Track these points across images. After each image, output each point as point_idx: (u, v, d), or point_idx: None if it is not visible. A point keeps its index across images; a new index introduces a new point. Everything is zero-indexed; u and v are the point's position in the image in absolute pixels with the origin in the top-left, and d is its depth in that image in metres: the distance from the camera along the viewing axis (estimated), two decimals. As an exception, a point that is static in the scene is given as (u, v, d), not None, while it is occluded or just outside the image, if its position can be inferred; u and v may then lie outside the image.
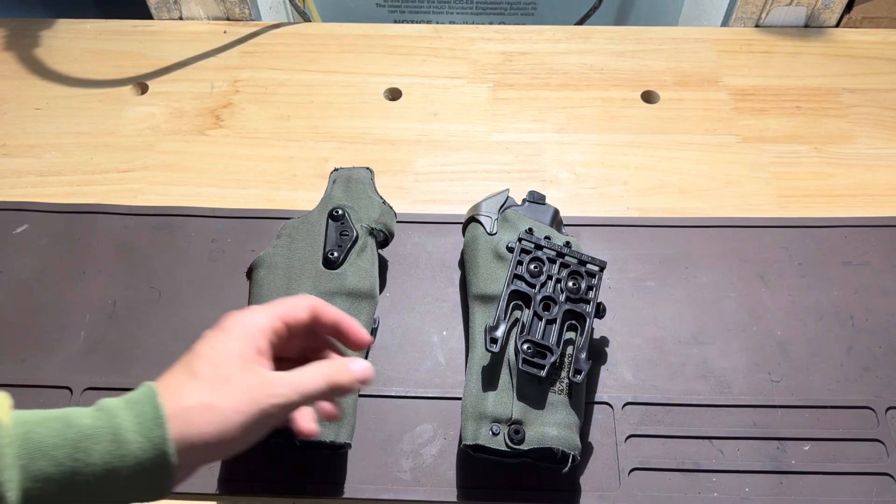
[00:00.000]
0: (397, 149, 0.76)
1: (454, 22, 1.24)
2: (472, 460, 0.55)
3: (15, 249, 0.68)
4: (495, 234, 0.61)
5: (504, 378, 0.54)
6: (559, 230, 0.63)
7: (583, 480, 0.56)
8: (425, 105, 0.80)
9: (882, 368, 0.61)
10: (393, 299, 0.65)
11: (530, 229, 0.60)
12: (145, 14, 0.88)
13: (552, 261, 0.58)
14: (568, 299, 0.56)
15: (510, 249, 0.60)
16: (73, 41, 0.86)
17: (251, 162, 0.75)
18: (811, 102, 0.80)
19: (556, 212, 0.63)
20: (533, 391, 0.53)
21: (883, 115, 0.79)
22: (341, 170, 0.65)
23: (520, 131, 0.78)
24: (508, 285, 0.56)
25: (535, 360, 0.53)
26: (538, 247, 0.58)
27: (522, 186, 0.70)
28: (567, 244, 0.60)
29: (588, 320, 0.55)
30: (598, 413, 0.59)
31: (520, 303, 0.56)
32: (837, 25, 0.87)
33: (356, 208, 0.62)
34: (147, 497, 0.39)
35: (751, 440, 0.58)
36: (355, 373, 0.43)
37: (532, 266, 0.57)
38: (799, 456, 0.57)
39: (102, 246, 0.69)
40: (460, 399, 0.57)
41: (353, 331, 0.46)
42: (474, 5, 1.22)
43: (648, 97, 0.81)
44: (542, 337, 0.54)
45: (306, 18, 0.93)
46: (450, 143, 0.77)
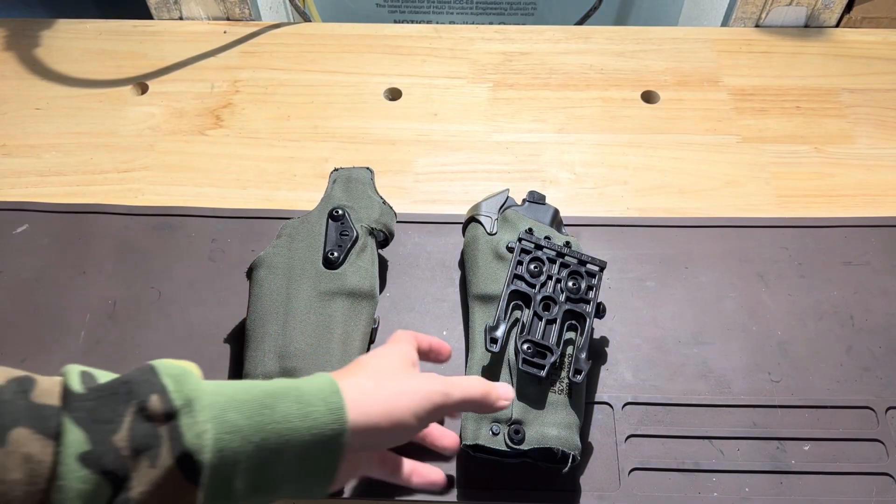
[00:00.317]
0: (397, 149, 0.76)
1: (454, 22, 1.24)
2: (472, 460, 0.55)
3: (15, 249, 0.68)
4: (495, 234, 0.61)
5: (504, 378, 0.54)
6: (559, 230, 0.63)
7: (583, 480, 0.56)
8: (425, 105, 0.80)
9: (882, 368, 0.61)
10: (393, 299, 0.65)
11: (530, 229, 0.60)
12: (145, 14, 0.88)
13: (552, 261, 0.58)
14: (568, 299, 0.56)
15: (510, 249, 0.60)
16: (73, 41, 0.86)
17: (251, 162, 0.75)
18: (811, 102, 0.80)
19: (556, 212, 0.63)
20: (533, 391, 0.53)
21: (883, 115, 0.79)
22: (341, 170, 0.65)
23: (520, 131, 0.78)
24: (508, 285, 0.56)
25: (535, 360, 0.53)
26: (538, 247, 0.58)
27: (522, 186, 0.70)
28: (567, 244, 0.60)
29: (588, 320, 0.55)
30: (598, 413, 0.59)
31: (520, 303, 0.56)
32: (837, 25, 0.87)
33: (356, 208, 0.62)
34: (318, 473, 0.40)
35: (751, 440, 0.58)
36: (501, 391, 0.48)
37: (532, 266, 0.57)
38: (799, 456, 0.57)
39: (102, 246, 0.69)
40: (460, 399, 0.57)
41: (443, 346, 0.54)
42: (474, 5, 1.22)
43: (648, 97, 0.81)
44: (542, 337, 0.54)
45: (306, 18, 0.93)
46: (450, 143, 0.77)
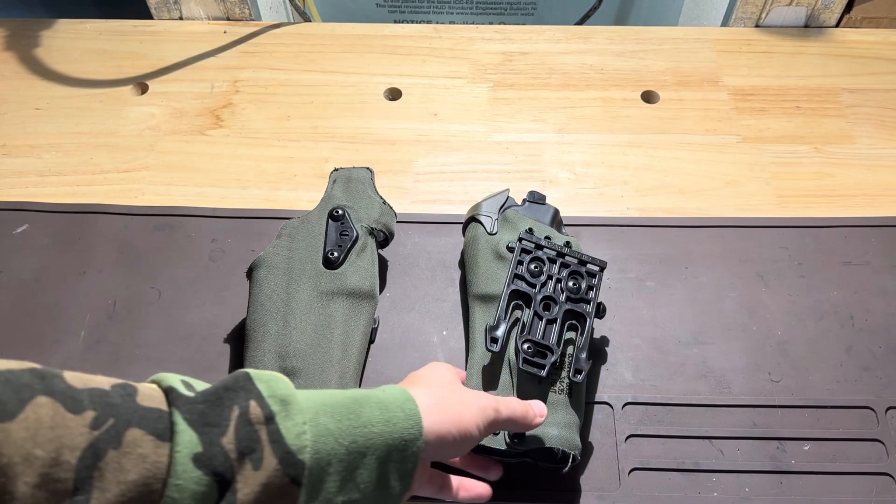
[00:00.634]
0: (397, 149, 0.76)
1: (454, 22, 1.24)
2: (473, 460, 0.55)
3: (15, 249, 0.68)
4: (495, 234, 0.61)
5: (504, 378, 0.54)
6: (559, 230, 0.63)
7: (583, 480, 0.56)
8: (425, 105, 0.80)
9: (882, 368, 0.61)
10: (393, 299, 0.65)
11: (530, 229, 0.60)
12: (145, 14, 0.88)
13: (552, 261, 0.58)
14: (568, 299, 0.56)
15: (510, 249, 0.60)
16: (73, 41, 0.86)
17: (251, 162, 0.75)
18: (811, 102, 0.80)
19: (556, 212, 0.63)
20: (533, 391, 0.53)
21: (883, 115, 0.79)
22: (341, 170, 0.65)
23: (520, 131, 0.78)
24: (509, 285, 0.56)
25: (536, 360, 0.53)
26: (538, 247, 0.58)
27: (522, 186, 0.70)
28: (567, 244, 0.60)
29: (588, 320, 0.55)
30: (598, 413, 0.59)
31: (520, 302, 0.56)
32: (837, 25, 0.87)
33: (356, 208, 0.62)
34: (397, 478, 0.40)
35: (751, 440, 0.58)
36: (537, 409, 0.50)
37: (532, 266, 0.57)
38: (799, 456, 0.57)
39: (102, 246, 0.69)
40: (460, 399, 0.57)
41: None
42: (474, 5, 1.22)
43: (648, 97, 0.81)
44: (543, 337, 0.54)
45: (306, 18, 0.93)
46: (450, 143, 0.77)
